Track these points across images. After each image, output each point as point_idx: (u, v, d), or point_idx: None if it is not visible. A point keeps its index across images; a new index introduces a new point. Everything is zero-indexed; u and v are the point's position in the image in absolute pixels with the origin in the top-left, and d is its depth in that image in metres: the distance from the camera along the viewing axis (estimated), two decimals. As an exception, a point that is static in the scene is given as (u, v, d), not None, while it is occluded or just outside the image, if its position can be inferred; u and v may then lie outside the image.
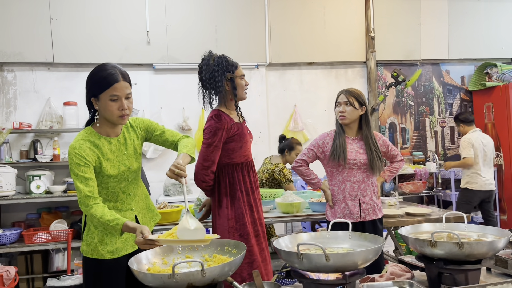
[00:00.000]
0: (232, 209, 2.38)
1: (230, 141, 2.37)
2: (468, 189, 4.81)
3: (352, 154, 2.60)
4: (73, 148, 1.80)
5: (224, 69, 2.38)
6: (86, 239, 1.91)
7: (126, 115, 1.84)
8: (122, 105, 1.81)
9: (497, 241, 1.72)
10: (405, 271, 2.01)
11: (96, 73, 1.84)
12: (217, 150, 2.34)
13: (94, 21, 4.92)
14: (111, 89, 1.79)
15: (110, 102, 1.80)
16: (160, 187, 4.82)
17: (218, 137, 2.32)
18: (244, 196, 2.39)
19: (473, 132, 4.86)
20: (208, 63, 2.39)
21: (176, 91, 5.11)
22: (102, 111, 1.85)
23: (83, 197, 1.74)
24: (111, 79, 1.80)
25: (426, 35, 5.77)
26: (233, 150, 2.38)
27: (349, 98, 2.62)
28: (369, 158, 2.58)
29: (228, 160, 2.39)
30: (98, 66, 1.87)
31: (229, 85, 2.40)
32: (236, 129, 2.38)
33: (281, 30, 5.38)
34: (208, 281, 1.41)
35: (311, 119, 5.45)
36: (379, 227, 2.61)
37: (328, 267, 1.54)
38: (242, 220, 2.36)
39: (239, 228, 2.35)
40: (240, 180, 2.39)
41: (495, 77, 5.58)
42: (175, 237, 1.59)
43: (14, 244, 4.17)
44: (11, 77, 4.83)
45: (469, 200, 4.78)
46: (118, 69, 1.84)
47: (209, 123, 2.35)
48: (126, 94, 1.83)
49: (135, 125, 2.01)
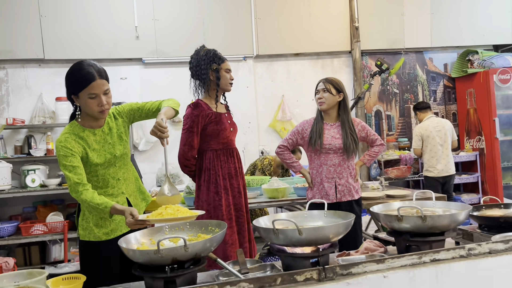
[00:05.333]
0: (207, 192, 2.55)
1: (207, 128, 2.54)
2: (427, 176, 4.95)
3: (328, 139, 2.75)
4: (59, 141, 1.92)
5: (210, 60, 2.55)
6: (81, 224, 2.04)
7: (106, 109, 1.95)
8: (101, 102, 1.91)
9: (458, 214, 1.88)
10: (379, 246, 2.16)
11: (73, 72, 1.92)
12: (195, 135, 2.52)
13: (83, 17, 5.00)
14: (88, 87, 1.88)
15: (89, 100, 1.90)
16: (153, 178, 4.95)
17: (195, 123, 2.51)
18: (220, 181, 2.55)
19: (427, 119, 4.96)
20: (198, 53, 2.60)
21: (165, 84, 5.22)
22: (83, 107, 1.96)
23: (73, 185, 1.86)
24: (88, 78, 1.87)
25: (409, 24, 5.90)
26: (210, 137, 2.55)
27: (326, 86, 2.77)
28: (344, 142, 2.73)
29: (206, 146, 2.57)
30: (75, 64, 1.95)
31: (213, 75, 2.56)
32: (214, 117, 2.55)
33: (267, 22, 5.49)
34: (191, 256, 1.55)
35: (299, 109, 5.59)
36: (355, 208, 2.77)
37: (302, 240, 1.69)
38: (214, 203, 2.53)
39: (211, 210, 2.52)
40: (217, 165, 2.55)
41: (476, 63, 5.74)
42: (164, 216, 1.74)
43: (12, 237, 4.30)
44: (3, 74, 4.92)
45: (431, 185, 4.91)
46: (94, 67, 1.91)
47: (187, 111, 2.56)
48: (103, 91, 1.92)
49: (118, 114, 2.11)
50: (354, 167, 2.85)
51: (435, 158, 4.86)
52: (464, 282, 1.47)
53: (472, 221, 2.25)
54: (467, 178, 5.69)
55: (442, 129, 4.88)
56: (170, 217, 1.76)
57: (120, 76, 5.15)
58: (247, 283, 1.27)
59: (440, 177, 4.88)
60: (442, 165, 4.85)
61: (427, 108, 5.05)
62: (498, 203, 2.35)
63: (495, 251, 1.54)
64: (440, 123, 4.95)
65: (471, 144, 5.87)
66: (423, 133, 4.90)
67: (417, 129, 4.99)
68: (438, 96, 6.10)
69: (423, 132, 4.90)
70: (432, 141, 4.85)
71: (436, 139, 4.85)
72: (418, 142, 4.95)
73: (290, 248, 1.79)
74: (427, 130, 4.89)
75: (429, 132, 4.87)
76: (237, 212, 2.60)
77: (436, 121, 4.96)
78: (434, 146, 4.85)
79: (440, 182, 4.91)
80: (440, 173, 4.85)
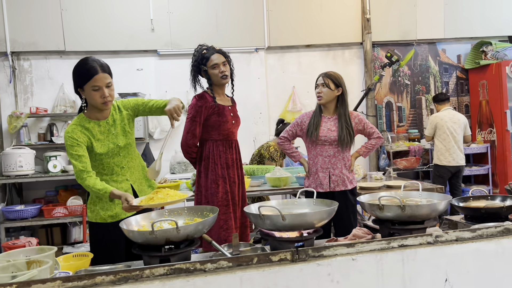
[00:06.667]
0: (205, 179, 2.72)
1: (209, 119, 2.70)
2: (438, 164, 5.05)
3: (324, 131, 2.88)
4: (67, 132, 2.14)
5: (199, 62, 2.74)
6: (90, 207, 2.26)
7: (109, 101, 2.14)
8: (104, 94, 2.11)
9: (437, 203, 2.00)
10: (367, 233, 2.29)
11: (78, 67, 2.14)
12: (197, 125, 2.68)
13: (101, 11, 5.22)
14: (92, 80, 2.08)
15: (93, 91, 2.10)
16: (167, 166, 5.17)
17: (198, 113, 2.67)
18: (218, 169, 2.71)
19: (443, 110, 5.07)
20: (192, 57, 2.78)
21: (179, 75, 5.37)
22: (88, 99, 2.16)
23: (78, 172, 2.07)
24: (91, 72, 2.08)
25: (422, 15, 5.89)
26: (212, 127, 2.71)
27: (325, 80, 2.88)
28: (339, 135, 2.85)
29: (207, 136, 2.73)
30: (80, 60, 2.16)
31: (205, 75, 2.73)
32: (217, 109, 2.70)
33: (279, 14, 5.59)
34: (183, 237, 1.73)
35: (309, 100, 5.69)
36: (349, 197, 2.89)
37: (286, 226, 1.85)
38: (211, 189, 2.70)
39: (208, 196, 2.70)
40: (216, 155, 2.71)
41: (490, 55, 5.70)
42: (154, 201, 1.93)
43: (35, 218, 4.61)
44: (27, 66, 5.19)
45: (440, 175, 5.02)
46: (98, 62, 2.12)
47: (192, 101, 2.73)
48: (106, 84, 2.12)
49: (123, 106, 2.30)
50: (349, 159, 2.97)
51: (446, 148, 4.96)
52: (428, 266, 1.60)
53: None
54: (477, 170, 5.70)
55: (457, 122, 4.99)
56: (160, 201, 1.94)
57: (136, 68, 5.36)
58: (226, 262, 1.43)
59: (450, 167, 4.96)
60: (452, 156, 4.93)
61: (446, 101, 5.15)
62: (486, 195, 2.44)
63: (461, 239, 1.66)
64: (456, 116, 5.05)
65: (483, 136, 5.87)
66: (438, 122, 5.00)
67: (433, 117, 5.12)
68: (450, 88, 6.10)
69: (438, 121, 5.01)
70: (446, 131, 4.96)
71: (450, 130, 4.96)
72: (431, 130, 5.08)
73: (278, 233, 1.95)
74: (442, 119, 4.99)
75: (444, 122, 4.97)
76: (232, 200, 2.76)
77: (452, 113, 5.07)
78: (447, 136, 4.95)
79: (451, 172, 4.99)
80: (450, 163, 4.94)
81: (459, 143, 4.97)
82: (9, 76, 5.09)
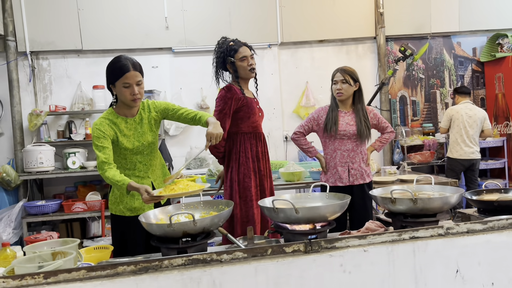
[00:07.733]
0: (237, 173, 2.73)
1: (239, 111, 2.69)
2: (450, 157, 5.05)
3: (343, 126, 2.91)
4: (95, 124, 2.23)
5: (225, 54, 2.72)
6: (111, 199, 2.36)
7: (138, 98, 2.23)
8: (133, 91, 2.20)
9: (448, 196, 2.02)
10: (380, 226, 2.32)
11: (111, 65, 2.24)
12: (227, 117, 2.67)
13: (117, 10, 5.31)
14: (123, 77, 2.18)
15: (123, 88, 2.20)
16: (182, 162, 5.26)
17: (228, 105, 2.66)
18: (249, 163, 2.72)
19: (461, 103, 5.04)
20: (217, 47, 2.77)
21: (194, 72, 5.47)
22: (118, 96, 2.24)
23: (100, 162, 2.14)
24: (123, 69, 2.18)
25: (436, 8, 5.84)
26: (241, 120, 2.72)
27: (345, 76, 2.91)
28: (358, 129, 2.88)
29: (236, 129, 2.73)
30: (114, 58, 2.26)
31: (231, 68, 2.74)
32: (245, 100, 2.70)
33: (292, 9, 5.60)
34: (200, 230, 1.79)
35: (323, 95, 5.70)
36: (366, 191, 2.92)
37: (299, 219, 1.90)
38: (244, 184, 2.71)
39: (240, 190, 2.72)
40: (247, 148, 2.72)
41: (506, 47, 5.63)
42: (176, 191, 2.00)
43: (56, 213, 4.74)
44: (46, 65, 5.32)
45: (452, 168, 5.01)
46: (130, 60, 2.22)
47: (220, 93, 2.71)
48: (136, 81, 2.21)
49: (153, 108, 2.37)
50: (366, 153, 3.01)
51: (458, 141, 4.94)
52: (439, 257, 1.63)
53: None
54: (493, 164, 5.65)
55: (474, 116, 4.97)
56: (181, 191, 2.01)
57: (152, 65, 5.45)
58: (242, 252, 1.48)
59: (462, 160, 4.94)
60: (464, 149, 4.91)
61: (467, 94, 5.13)
62: (499, 188, 2.45)
63: (473, 231, 1.69)
64: (474, 110, 5.02)
65: (499, 130, 5.81)
66: (454, 115, 4.99)
67: (449, 110, 5.11)
68: (465, 81, 6.04)
69: (454, 114, 5.00)
70: (460, 124, 4.94)
71: (464, 123, 4.94)
72: (446, 122, 5.09)
73: (291, 226, 2.00)
74: (458, 112, 4.98)
75: (459, 115, 4.96)
76: (262, 193, 2.79)
77: (470, 107, 5.04)
78: (460, 129, 4.93)
79: (463, 165, 4.97)
80: (462, 156, 4.92)
81: (471, 137, 4.95)
82: (29, 75, 5.22)
